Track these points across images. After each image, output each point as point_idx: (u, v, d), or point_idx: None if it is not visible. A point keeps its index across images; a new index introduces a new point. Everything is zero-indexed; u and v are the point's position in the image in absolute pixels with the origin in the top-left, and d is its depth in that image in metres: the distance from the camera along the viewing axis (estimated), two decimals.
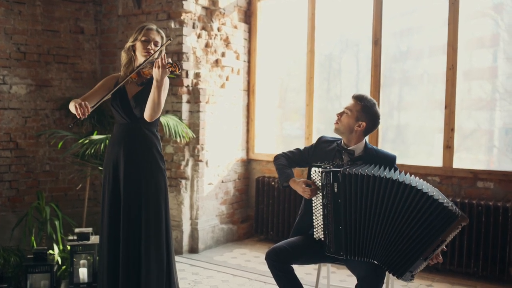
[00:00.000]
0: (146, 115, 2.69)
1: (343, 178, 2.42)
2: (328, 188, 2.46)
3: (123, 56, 2.82)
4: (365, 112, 2.62)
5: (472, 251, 3.88)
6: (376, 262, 2.40)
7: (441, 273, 4.02)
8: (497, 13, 4.33)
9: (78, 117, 2.52)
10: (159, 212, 2.76)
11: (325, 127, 4.91)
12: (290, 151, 2.85)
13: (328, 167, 2.48)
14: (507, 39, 4.24)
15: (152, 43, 2.74)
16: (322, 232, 2.54)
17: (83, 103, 2.53)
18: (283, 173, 2.74)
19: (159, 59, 2.52)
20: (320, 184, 2.51)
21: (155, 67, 2.52)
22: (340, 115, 2.66)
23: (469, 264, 3.90)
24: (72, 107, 2.56)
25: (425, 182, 2.42)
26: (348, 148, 2.64)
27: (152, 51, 2.71)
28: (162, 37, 2.80)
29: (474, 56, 4.38)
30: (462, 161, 4.21)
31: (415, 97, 4.76)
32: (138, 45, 2.74)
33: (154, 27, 2.79)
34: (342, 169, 2.43)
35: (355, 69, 5.16)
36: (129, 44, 2.79)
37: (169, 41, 2.66)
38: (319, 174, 2.51)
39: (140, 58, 2.76)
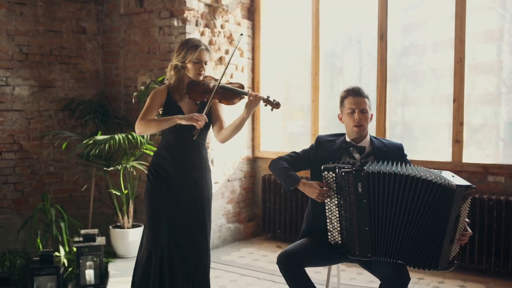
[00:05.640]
0: (222, 138, 2.81)
1: (366, 177, 2.31)
2: (348, 189, 2.35)
3: (172, 75, 2.79)
4: (371, 104, 2.62)
5: (483, 247, 3.81)
6: (401, 262, 2.33)
7: (452, 270, 3.94)
8: (501, 6, 4.26)
9: (199, 127, 2.65)
10: (209, 220, 2.88)
11: (328, 124, 4.84)
12: (288, 155, 2.69)
13: (346, 167, 2.37)
14: None
15: (203, 63, 2.75)
16: (339, 236, 2.45)
17: (197, 114, 2.65)
18: (288, 176, 2.55)
19: (254, 94, 2.66)
20: (335, 185, 2.41)
21: (250, 100, 2.65)
22: (362, 117, 2.53)
23: (481, 260, 3.84)
24: (184, 121, 2.64)
25: (437, 171, 2.37)
26: (358, 145, 2.55)
27: (203, 72, 2.76)
28: (210, 54, 2.80)
29: (479, 50, 4.32)
30: (471, 155, 4.14)
31: (421, 92, 4.70)
32: (190, 66, 2.74)
33: (204, 46, 2.75)
34: (365, 167, 2.32)
35: (358, 66, 5.10)
36: (178, 63, 2.75)
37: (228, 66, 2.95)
38: (334, 175, 2.40)
39: (189, 77, 2.78)
